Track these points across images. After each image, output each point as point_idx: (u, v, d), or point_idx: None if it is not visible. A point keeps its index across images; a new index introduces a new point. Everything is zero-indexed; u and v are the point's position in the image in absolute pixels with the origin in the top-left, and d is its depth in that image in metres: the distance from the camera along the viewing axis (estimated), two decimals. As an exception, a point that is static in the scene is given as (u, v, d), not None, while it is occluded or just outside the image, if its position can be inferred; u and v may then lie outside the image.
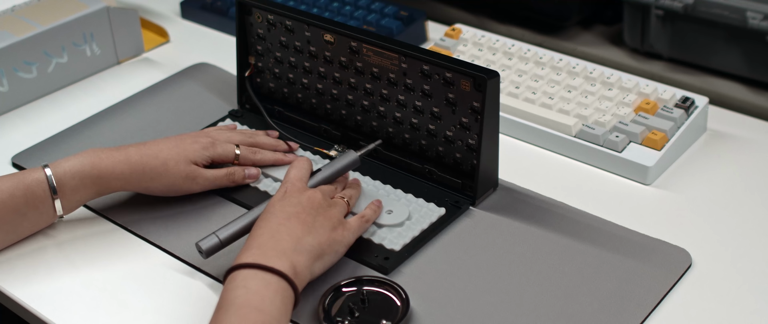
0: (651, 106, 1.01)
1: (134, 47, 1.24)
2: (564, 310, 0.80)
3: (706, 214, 0.92)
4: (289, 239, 0.79)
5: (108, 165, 0.90)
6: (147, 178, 0.91)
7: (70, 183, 0.88)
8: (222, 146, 0.96)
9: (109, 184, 0.90)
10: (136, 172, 0.90)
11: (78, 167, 0.89)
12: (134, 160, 0.91)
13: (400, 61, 0.95)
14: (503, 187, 0.96)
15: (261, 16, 1.05)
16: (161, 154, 0.92)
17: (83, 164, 0.89)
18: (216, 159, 0.95)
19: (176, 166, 0.92)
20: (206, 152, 0.94)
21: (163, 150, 0.92)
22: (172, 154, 0.92)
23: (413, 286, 0.83)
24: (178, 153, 0.92)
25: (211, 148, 0.94)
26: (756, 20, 1.03)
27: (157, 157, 0.91)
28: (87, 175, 0.89)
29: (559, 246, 0.88)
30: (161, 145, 0.93)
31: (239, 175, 0.96)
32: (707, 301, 0.82)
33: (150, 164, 0.91)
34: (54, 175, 0.88)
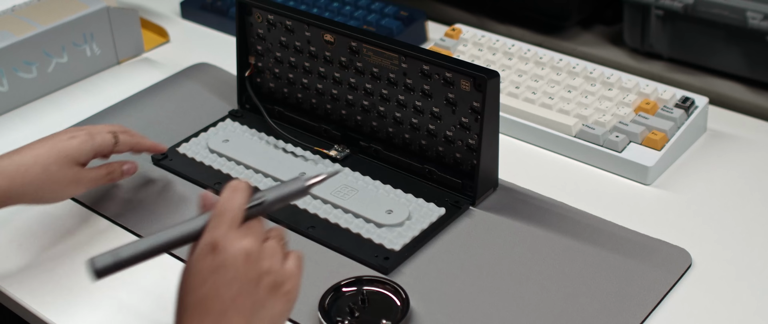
0: (651, 106, 1.01)
1: (134, 47, 1.24)
2: (564, 310, 0.80)
3: (706, 214, 0.92)
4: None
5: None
6: (30, 190, 0.84)
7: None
8: (100, 136, 0.89)
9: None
10: (16, 184, 0.83)
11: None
12: (11, 170, 0.83)
13: (400, 61, 0.95)
14: (503, 187, 0.96)
15: (261, 16, 1.05)
16: (40, 159, 0.84)
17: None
18: (97, 151, 0.89)
19: (59, 171, 0.85)
20: (86, 146, 0.88)
21: (41, 154, 0.85)
22: (51, 157, 0.85)
23: (413, 286, 0.83)
24: (58, 154, 0.85)
25: (89, 140, 0.88)
26: (756, 20, 1.03)
27: (35, 162, 0.84)
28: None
29: (559, 246, 0.88)
30: (37, 149, 0.85)
31: (117, 173, 0.92)
32: (707, 301, 0.82)
33: (30, 173, 0.83)
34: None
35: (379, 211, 0.91)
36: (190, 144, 1.04)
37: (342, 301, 0.81)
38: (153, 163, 1.02)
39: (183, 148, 1.03)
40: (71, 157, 0.86)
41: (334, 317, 0.80)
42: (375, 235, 0.89)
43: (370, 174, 0.97)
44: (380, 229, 0.89)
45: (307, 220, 0.91)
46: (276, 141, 1.03)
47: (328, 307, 0.80)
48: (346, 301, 0.81)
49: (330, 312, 0.80)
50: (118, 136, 0.91)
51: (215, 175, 0.99)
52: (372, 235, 0.89)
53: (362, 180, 0.96)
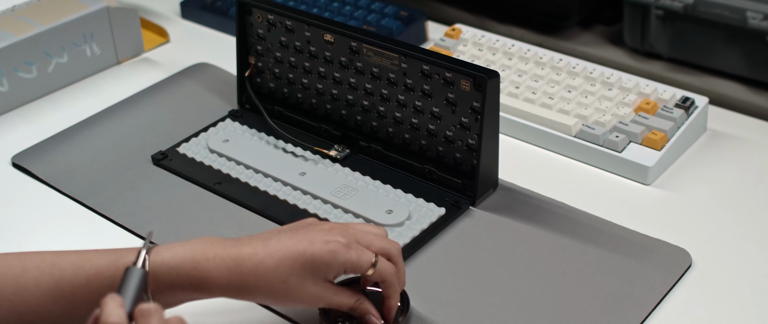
0: (651, 106, 1.01)
1: (134, 47, 1.24)
2: (564, 310, 0.80)
3: (706, 214, 0.92)
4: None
5: (213, 269, 0.72)
6: (260, 294, 0.73)
7: (166, 278, 0.71)
8: (357, 251, 0.74)
9: (211, 290, 0.72)
10: (249, 286, 0.72)
11: (178, 262, 0.72)
12: (248, 269, 0.72)
13: (400, 61, 0.95)
14: (503, 187, 0.96)
15: (261, 16, 1.05)
16: (283, 267, 0.72)
17: (185, 260, 0.72)
18: (347, 269, 0.74)
19: (298, 285, 0.73)
20: (337, 260, 0.73)
21: (286, 259, 0.72)
22: (295, 268, 0.72)
23: (413, 286, 0.83)
24: (303, 265, 0.73)
25: (344, 253, 0.73)
26: (756, 20, 1.03)
27: (276, 269, 0.72)
28: (186, 274, 0.71)
29: (559, 246, 0.88)
30: (284, 249, 0.73)
31: (360, 313, 0.77)
32: (707, 301, 0.82)
33: (266, 278, 0.72)
34: (150, 264, 0.71)
35: (379, 211, 0.91)
36: (190, 144, 1.04)
37: (342, 301, 0.81)
38: (153, 163, 1.02)
39: (183, 148, 1.03)
40: (317, 271, 0.73)
41: (334, 317, 0.79)
42: (375, 235, 0.89)
43: (370, 174, 0.97)
44: (380, 229, 0.89)
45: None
46: (276, 141, 1.03)
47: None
48: (346, 301, 0.81)
49: (330, 312, 0.80)
50: (380, 261, 0.75)
51: (215, 175, 0.99)
52: (372, 235, 0.89)
53: (362, 180, 0.96)
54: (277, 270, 0.72)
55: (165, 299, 0.72)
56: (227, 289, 0.72)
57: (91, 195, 0.97)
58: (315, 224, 0.77)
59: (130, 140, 1.06)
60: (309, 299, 0.74)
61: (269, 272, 0.72)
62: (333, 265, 0.73)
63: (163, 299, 0.71)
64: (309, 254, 0.72)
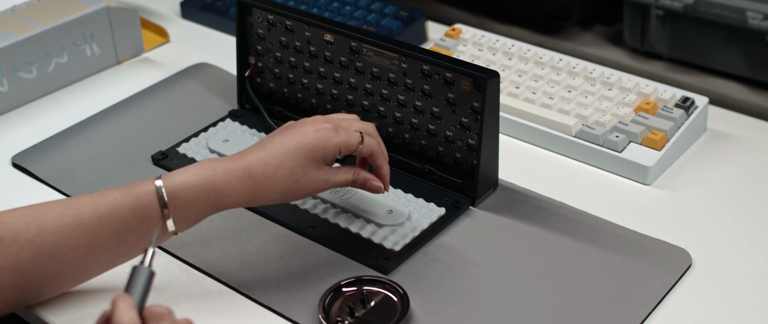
0: (651, 106, 1.01)
1: (134, 47, 1.24)
2: (564, 310, 0.80)
3: (706, 214, 0.92)
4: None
5: (227, 181, 0.80)
6: (274, 194, 0.81)
7: (184, 197, 0.79)
8: (345, 132, 0.84)
9: (227, 201, 0.81)
10: (262, 188, 0.81)
11: (193, 180, 0.79)
12: (257, 172, 0.80)
13: (400, 61, 0.95)
14: (503, 187, 0.96)
15: (261, 16, 1.05)
16: (287, 162, 0.81)
17: (199, 177, 0.79)
18: (340, 148, 0.84)
19: (304, 174, 0.82)
20: (331, 143, 0.83)
21: (288, 155, 0.81)
22: (298, 159, 0.81)
23: (413, 286, 0.83)
24: (304, 155, 0.82)
25: (334, 136, 0.83)
26: (756, 20, 1.03)
27: (282, 166, 0.81)
28: (203, 190, 0.79)
29: (559, 246, 0.88)
30: (283, 147, 0.82)
31: (361, 183, 0.87)
32: (707, 301, 0.82)
33: (276, 176, 0.81)
34: (165, 187, 0.79)
35: (379, 211, 0.91)
36: (190, 144, 1.04)
37: (342, 301, 0.81)
38: (153, 163, 1.02)
39: (183, 148, 1.03)
40: (316, 158, 0.82)
41: (334, 317, 0.80)
42: (375, 235, 0.89)
43: (370, 174, 0.97)
44: (380, 229, 0.89)
45: (307, 220, 0.91)
46: (276, 141, 1.03)
47: (328, 307, 0.80)
48: (346, 301, 0.81)
49: (330, 312, 0.80)
50: (364, 137, 0.86)
51: (215, 175, 0.99)
52: (372, 235, 0.89)
53: (362, 180, 0.96)
54: (283, 166, 0.80)
55: (184, 219, 0.80)
56: (244, 196, 0.80)
57: (91, 195, 0.97)
58: (301, 121, 0.85)
59: (130, 140, 1.06)
60: (316, 184, 0.83)
61: (277, 171, 0.80)
62: (328, 148, 0.82)
63: (183, 219, 0.80)
64: (305, 144, 0.82)
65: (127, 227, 0.79)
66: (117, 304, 0.65)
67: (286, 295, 0.83)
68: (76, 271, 0.81)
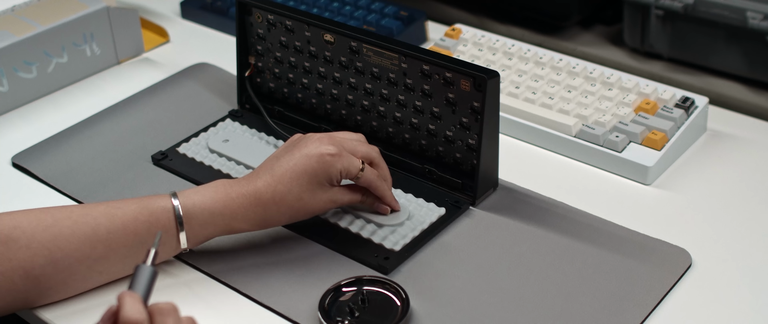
0: (651, 106, 1.01)
1: (134, 47, 1.24)
2: (564, 310, 0.80)
3: (706, 214, 0.92)
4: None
5: (239, 207, 0.82)
6: (284, 217, 0.84)
7: (199, 218, 0.82)
8: (347, 159, 0.85)
9: (238, 225, 0.84)
10: (272, 213, 0.83)
11: (209, 203, 0.82)
12: (267, 199, 0.83)
13: (400, 61, 0.95)
14: (503, 187, 0.96)
15: (261, 16, 1.05)
16: (294, 187, 0.83)
17: (215, 201, 0.82)
18: (342, 173, 0.85)
19: (312, 198, 0.84)
20: (333, 169, 0.84)
21: (294, 180, 0.83)
22: (303, 184, 0.83)
23: (413, 286, 0.83)
24: (310, 180, 0.83)
25: (337, 161, 0.84)
26: (756, 20, 1.03)
27: (290, 191, 0.83)
28: (218, 213, 0.82)
29: (559, 246, 0.88)
30: (290, 172, 0.83)
31: (368, 204, 0.89)
32: (707, 301, 0.82)
33: (285, 201, 0.83)
34: (182, 207, 0.81)
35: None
36: (190, 144, 1.04)
37: (342, 301, 0.81)
38: (153, 163, 1.02)
39: (183, 148, 1.03)
40: (321, 182, 0.84)
41: (334, 317, 0.80)
42: (375, 235, 0.89)
43: (370, 174, 0.97)
44: (380, 229, 0.89)
45: (307, 220, 0.91)
46: (276, 141, 1.03)
47: (328, 307, 0.80)
48: (346, 301, 0.81)
49: (330, 312, 0.80)
50: (365, 166, 0.86)
51: (215, 175, 0.99)
52: (372, 235, 0.89)
53: (362, 180, 0.96)
54: (291, 192, 0.83)
55: (196, 237, 0.83)
56: (254, 221, 0.83)
57: (91, 195, 0.97)
58: (304, 139, 0.86)
59: (130, 140, 1.06)
60: (325, 204, 0.85)
61: (285, 196, 0.83)
62: (331, 173, 0.84)
63: (195, 237, 0.82)
64: (310, 169, 0.83)
65: (140, 241, 0.81)
66: (124, 299, 0.65)
67: (286, 295, 0.83)
68: (84, 279, 0.82)
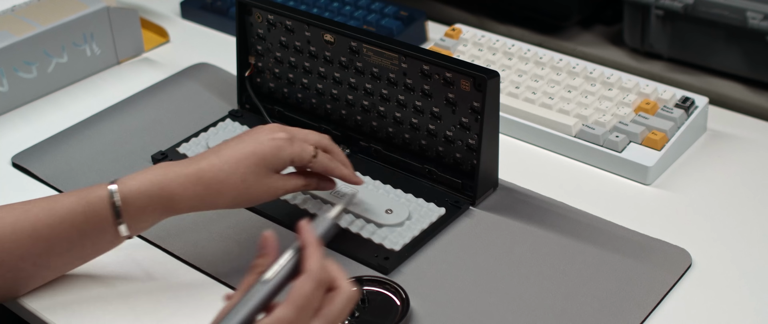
0: (651, 106, 1.01)
1: (134, 47, 1.24)
2: (564, 310, 0.80)
3: (706, 214, 0.92)
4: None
5: (178, 186, 0.80)
6: (225, 199, 0.82)
7: (136, 203, 0.80)
8: (299, 145, 0.85)
9: (179, 206, 0.81)
10: (212, 193, 0.81)
11: (146, 186, 0.80)
12: (209, 177, 0.81)
13: (400, 61, 0.95)
14: (503, 187, 0.96)
15: (261, 16, 1.05)
16: (239, 168, 0.81)
17: (152, 183, 0.80)
18: (293, 160, 0.84)
19: (256, 181, 0.82)
20: (283, 153, 0.83)
21: (241, 161, 0.81)
22: (250, 166, 0.82)
23: (413, 286, 0.83)
24: (257, 162, 0.82)
25: (288, 147, 0.83)
26: (756, 20, 1.03)
27: (235, 172, 0.81)
28: (155, 195, 0.80)
29: (559, 246, 0.88)
30: (237, 154, 0.82)
31: (313, 188, 0.88)
32: (707, 301, 0.82)
33: (227, 182, 0.81)
34: (119, 193, 0.79)
35: (379, 211, 0.91)
36: (190, 144, 1.04)
37: (342, 301, 0.81)
38: (153, 163, 1.02)
39: (183, 148, 1.03)
40: (268, 165, 0.83)
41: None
42: (375, 235, 0.89)
43: (370, 174, 0.97)
44: (380, 229, 0.89)
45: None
46: (276, 141, 1.03)
47: (328, 307, 0.80)
48: (346, 301, 0.81)
49: (330, 312, 0.80)
50: (319, 152, 0.86)
51: (215, 175, 0.99)
52: (372, 235, 0.89)
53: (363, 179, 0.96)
54: (235, 172, 0.81)
55: (137, 224, 0.81)
56: (194, 200, 0.81)
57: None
58: (257, 128, 0.86)
59: (130, 140, 1.06)
60: (268, 191, 0.83)
61: (229, 176, 0.81)
62: (281, 157, 0.83)
63: (135, 224, 0.80)
64: (259, 152, 0.82)
65: (81, 233, 0.80)
66: (310, 250, 0.66)
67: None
68: (33, 276, 0.82)
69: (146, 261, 0.88)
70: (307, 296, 0.65)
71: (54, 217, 0.80)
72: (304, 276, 0.65)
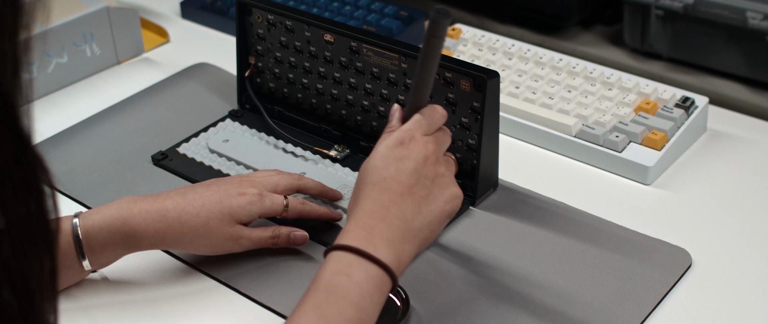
0: (651, 106, 1.01)
1: (134, 47, 1.24)
2: (564, 310, 0.80)
3: (706, 214, 0.92)
4: (399, 224, 0.72)
5: (141, 222, 0.80)
6: (185, 240, 0.82)
7: (98, 238, 0.80)
8: (269, 199, 0.85)
9: (140, 243, 0.81)
10: (173, 232, 0.81)
11: (108, 222, 0.80)
12: (172, 217, 0.81)
13: (400, 61, 0.95)
14: (503, 187, 0.96)
15: (261, 16, 1.05)
16: (203, 212, 0.81)
17: (114, 219, 0.80)
18: (263, 215, 0.85)
19: (219, 227, 0.82)
20: (253, 208, 0.83)
21: (205, 206, 0.82)
22: (214, 212, 0.82)
23: (413, 286, 0.83)
24: (222, 211, 0.82)
25: (258, 202, 0.84)
26: (756, 20, 1.03)
27: (198, 215, 0.81)
28: (117, 231, 0.80)
29: (559, 246, 0.88)
30: (203, 199, 0.82)
31: (283, 240, 0.86)
32: (707, 301, 0.82)
33: (189, 224, 0.81)
34: (81, 228, 0.79)
35: (379, 211, 0.91)
36: (190, 144, 1.04)
37: (342, 301, 0.81)
38: (153, 163, 1.02)
39: (183, 148, 1.03)
40: (235, 217, 0.83)
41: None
42: (375, 235, 0.88)
43: (370, 174, 0.97)
44: (380, 229, 0.89)
45: (307, 220, 0.91)
46: (276, 141, 1.03)
47: (328, 307, 0.80)
48: (346, 301, 0.81)
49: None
50: (290, 202, 0.86)
51: (215, 175, 0.99)
52: (372, 235, 0.88)
53: (362, 180, 0.96)
54: (198, 215, 0.81)
55: (99, 259, 0.81)
56: (155, 238, 0.81)
57: (91, 195, 0.97)
58: (225, 179, 0.86)
59: (130, 140, 1.06)
60: (230, 238, 0.83)
61: (192, 218, 0.81)
62: (251, 212, 0.83)
63: (97, 259, 0.81)
64: (226, 203, 0.82)
65: None
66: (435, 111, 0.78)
67: (287, 296, 0.83)
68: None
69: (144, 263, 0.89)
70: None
71: None
72: None
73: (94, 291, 0.85)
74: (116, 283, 0.86)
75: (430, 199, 0.74)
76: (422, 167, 0.74)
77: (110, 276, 0.86)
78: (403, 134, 0.75)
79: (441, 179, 0.75)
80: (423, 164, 0.74)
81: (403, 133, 0.75)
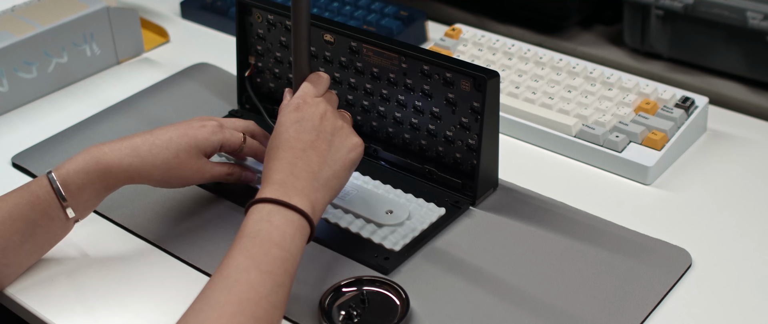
0: (651, 106, 1.01)
1: (134, 47, 1.24)
2: (564, 310, 0.80)
3: (706, 214, 0.92)
4: (307, 175, 0.80)
5: (114, 158, 0.84)
6: (157, 172, 0.86)
7: (75, 181, 0.83)
8: (229, 131, 0.91)
9: (116, 178, 0.85)
10: (147, 166, 0.85)
11: (81, 165, 0.84)
12: (143, 151, 0.85)
13: (400, 61, 0.95)
14: (503, 187, 0.96)
15: (261, 16, 1.05)
16: (172, 145, 0.87)
17: (87, 161, 0.84)
18: (223, 145, 0.90)
19: (188, 160, 0.87)
20: (215, 137, 0.89)
21: (173, 139, 0.87)
22: (182, 144, 0.87)
23: (413, 286, 0.83)
24: (188, 142, 0.87)
25: (219, 132, 0.89)
26: (756, 20, 1.03)
27: (167, 148, 0.86)
28: (92, 170, 0.84)
29: (559, 246, 0.88)
30: (169, 133, 0.87)
31: (236, 176, 0.92)
32: (707, 301, 0.82)
33: (161, 156, 0.86)
34: (57, 177, 0.83)
35: (379, 211, 0.91)
36: (190, 144, 1.04)
37: (342, 301, 0.81)
38: (153, 163, 1.02)
39: (183, 148, 1.03)
40: (199, 147, 0.88)
41: (334, 317, 0.80)
42: (375, 235, 0.89)
43: (370, 174, 0.97)
44: (380, 229, 0.89)
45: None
46: (276, 141, 1.03)
47: (328, 307, 0.80)
48: (347, 302, 0.81)
49: (330, 312, 0.80)
50: (247, 138, 0.92)
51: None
52: (372, 235, 0.89)
53: (362, 180, 0.96)
54: (168, 148, 0.86)
55: (80, 203, 0.84)
56: (129, 172, 0.85)
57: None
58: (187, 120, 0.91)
59: (130, 140, 1.06)
60: (198, 171, 0.89)
61: (162, 151, 0.86)
62: (212, 141, 0.89)
63: (78, 203, 0.84)
64: (191, 134, 0.88)
65: (31, 224, 0.83)
66: None
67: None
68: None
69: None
70: None
71: (2, 214, 0.82)
72: None
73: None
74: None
75: (333, 150, 0.83)
76: (320, 124, 0.83)
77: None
78: (296, 100, 0.84)
79: (340, 131, 0.84)
80: (320, 121, 0.83)
81: (297, 99, 0.84)
